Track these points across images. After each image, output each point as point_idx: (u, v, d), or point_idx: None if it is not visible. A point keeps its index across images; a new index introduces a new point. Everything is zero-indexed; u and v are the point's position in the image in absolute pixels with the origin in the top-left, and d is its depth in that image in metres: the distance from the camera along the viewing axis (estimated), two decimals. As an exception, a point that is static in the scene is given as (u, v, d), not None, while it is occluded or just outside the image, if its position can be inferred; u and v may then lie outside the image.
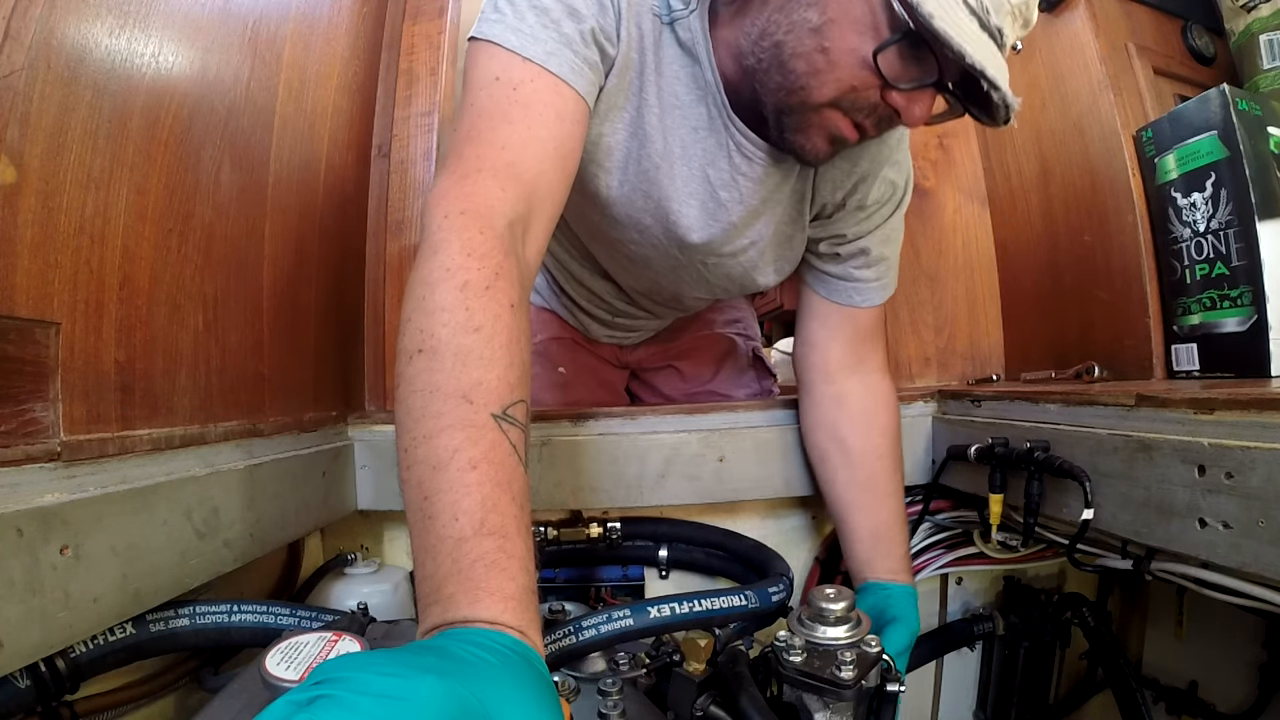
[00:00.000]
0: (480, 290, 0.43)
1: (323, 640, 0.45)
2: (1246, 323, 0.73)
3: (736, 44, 0.60)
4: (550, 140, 0.53)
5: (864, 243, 0.76)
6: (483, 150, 0.50)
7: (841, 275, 0.78)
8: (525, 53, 0.53)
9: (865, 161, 0.72)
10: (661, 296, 0.90)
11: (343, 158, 0.91)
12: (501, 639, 0.32)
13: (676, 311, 1.00)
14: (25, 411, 0.45)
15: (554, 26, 0.54)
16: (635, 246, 0.76)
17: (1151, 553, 0.60)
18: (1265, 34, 0.87)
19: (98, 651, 0.52)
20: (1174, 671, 0.89)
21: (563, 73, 0.54)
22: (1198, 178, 0.76)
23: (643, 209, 0.70)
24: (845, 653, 0.53)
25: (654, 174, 0.67)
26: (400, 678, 0.27)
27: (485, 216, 0.47)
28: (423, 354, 0.41)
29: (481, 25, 0.55)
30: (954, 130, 1.13)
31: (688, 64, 0.63)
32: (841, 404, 0.82)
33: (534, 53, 0.53)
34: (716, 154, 0.66)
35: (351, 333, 0.95)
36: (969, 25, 0.50)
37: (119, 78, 0.52)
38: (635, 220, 0.71)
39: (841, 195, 0.73)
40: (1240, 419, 0.48)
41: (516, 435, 0.41)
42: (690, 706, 0.58)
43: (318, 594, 0.82)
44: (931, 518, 0.89)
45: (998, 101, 0.52)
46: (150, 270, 0.55)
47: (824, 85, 0.55)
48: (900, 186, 0.76)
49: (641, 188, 0.68)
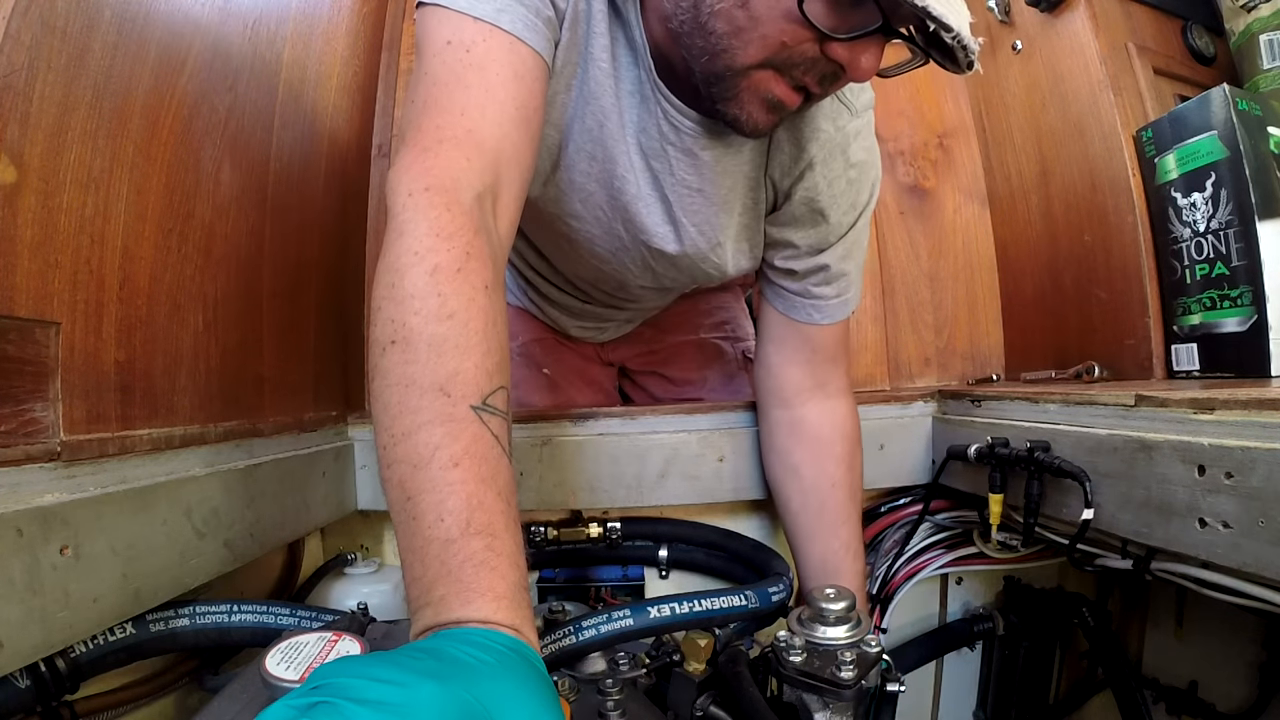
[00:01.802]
0: (452, 274, 0.41)
1: (322, 640, 0.45)
2: (1246, 323, 0.73)
3: (661, 6, 0.55)
4: (510, 102, 0.49)
5: (822, 259, 0.71)
6: (441, 120, 0.47)
7: (799, 292, 0.74)
8: (474, 12, 0.49)
9: (814, 146, 0.65)
10: (608, 285, 0.84)
11: (343, 158, 0.91)
12: (498, 638, 0.32)
13: (632, 304, 0.93)
14: (25, 411, 0.45)
15: None
16: (577, 222, 0.70)
17: (1151, 553, 0.60)
18: (1265, 34, 0.87)
19: (98, 651, 0.52)
20: (1174, 671, 0.88)
21: (516, 29, 0.50)
22: (1198, 178, 0.76)
23: (587, 173, 0.65)
24: (845, 653, 0.53)
25: (599, 133, 0.62)
26: (400, 685, 0.26)
27: (451, 191, 0.44)
28: (395, 345, 0.40)
29: None
30: (954, 130, 1.13)
31: (621, 26, 0.59)
32: (795, 431, 0.80)
33: (483, 10, 0.49)
34: (646, 121, 0.61)
35: (351, 333, 0.95)
36: None
37: (119, 78, 0.52)
38: (580, 187, 0.66)
39: (789, 183, 0.67)
40: (1240, 419, 0.48)
41: (498, 425, 0.40)
42: (690, 706, 0.58)
43: (318, 594, 0.82)
44: (931, 518, 0.89)
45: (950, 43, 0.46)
46: (150, 270, 0.55)
47: (749, 45, 0.50)
48: (864, 190, 0.69)
49: (586, 149, 0.63)
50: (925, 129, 1.10)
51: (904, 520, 0.90)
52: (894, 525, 0.90)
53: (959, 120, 1.13)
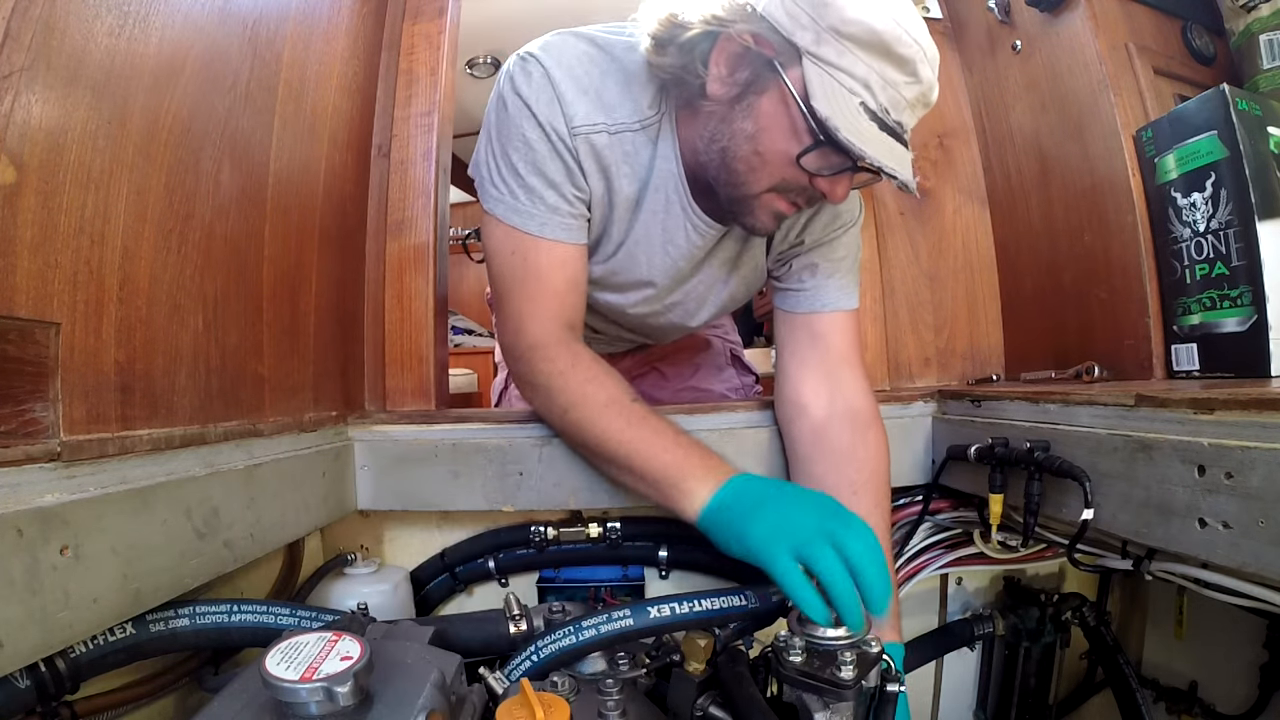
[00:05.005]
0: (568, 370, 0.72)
1: (322, 640, 0.45)
2: (1246, 323, 0.73)
3: (693, 143, 0.73)
4: (562, 283, 0.73)
5: (810, 258, 0.83)
6: (518, 305, 0.74)
7: (796, 287, 0.85)
8: (525, 229, 0.72)
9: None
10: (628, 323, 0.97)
11: (343, 158, 0.91)
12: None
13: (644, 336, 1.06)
14: (25, 411, 0.45)
15: (540, 200, 0.71)
16: (604, 306, 0.89)
17: (1151, 553, 0.60)
18: (1265, 34, 0.87)
19: (98, 651, 0.52)
20: (1174, 671, 0.89)
21: (556, 236, 0.72)
22: (1198, 177, 0.76)
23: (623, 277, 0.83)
24: (845, 653, 0.53)
25: (630, 248, 0.80)
26: None
27: (543, 346, 0.72)
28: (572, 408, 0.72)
29: (488, 200, 0.74)
30: (954, 130, 1.13)
31: (660, 160, 0.75)
32: (818, 441, 0.80)
33: (531, 228, 0.72)
34: (674, 231, 0.78)
35: (351, 333, 0.95)
36: (869, 129, 0.61)
37: (119, 78, 0.52)
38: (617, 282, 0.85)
39: (797, 233, 0.83)
40: (1240, 419, 0.48)
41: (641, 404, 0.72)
42: (690, 706, 0.58)
43: (318, 594, 0.82)
44: (931, 518, 0.89)
45: (898, 184, 0.64)
46: (150, 270, 0.55)
47: (760, 179, 0.68)
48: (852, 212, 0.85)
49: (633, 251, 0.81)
50: (925, 129, 1.10)
51: (904, 520, 0.90)
52: (894, 525, 0.90)
53: (959, 120, 1.13)
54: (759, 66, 0.65)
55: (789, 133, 0.64)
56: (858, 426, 0.79)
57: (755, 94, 0.66)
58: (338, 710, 0.41)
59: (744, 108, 0.66)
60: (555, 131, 0.70)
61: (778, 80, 0.63)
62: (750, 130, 0.66)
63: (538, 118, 0.70)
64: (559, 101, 0.70)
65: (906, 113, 0.64)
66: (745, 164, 0.68)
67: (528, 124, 0.70)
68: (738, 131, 0.67)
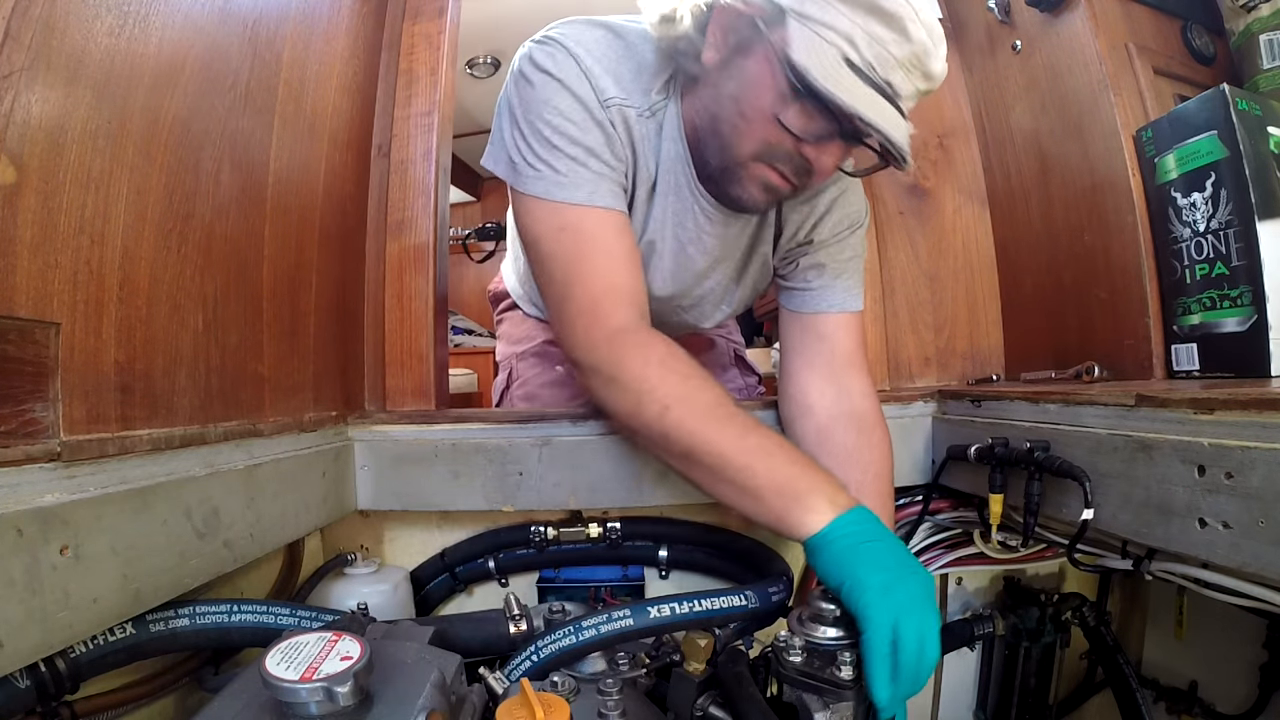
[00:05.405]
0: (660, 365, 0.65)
1: (322, 640, 0.45)
2: (1246, 323, 0.73)
3: (693, 120, 0.72)
4: (621, 252, 0.69)
5: (817, 257, 0.83)
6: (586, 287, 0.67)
7: (802, 286, 0.84)
8: (572, 200, 0.67)
9: (824, 201, 0.82)
10: None
11: (343, 158, 0.91)
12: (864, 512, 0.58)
13: None
14: (25, 411, 0.45)
15: (583, 168, 0.67)
16: None
17: (1151, 553, 0.60)
18: (1265, 34, 0.87)
19: (98, 651, 0.52)
20: (1174, 671, 0.88)
21: (606, 203, 0.68)
22: (1198, 177, 0.76)
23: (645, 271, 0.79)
24: (845, 653, 0.53)
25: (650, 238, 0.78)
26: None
27: (621, 331, 0.66)
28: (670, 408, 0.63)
29: (523, 182, 0.68)
30: (954, 130, 1.13)
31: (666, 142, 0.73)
32: (822, 441, 0.80)
33: (579, 197, 0.67)
34: (684, 215, 0.77)
35: (351, 333, 0.95)
36: (849, 80, 0.59)
37: (119, 78, 0.52)
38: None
39: (806, 232, 0.83)
40: (1240, 419, 0.48)
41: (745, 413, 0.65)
42: (690, 706, 0.58)
43: (318, 594, 0.82)
44: (932, 518, 0.89)
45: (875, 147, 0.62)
46: (150, 270, 0.55)
47: (744, 142, 0.66)
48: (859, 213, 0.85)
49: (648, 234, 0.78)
50: (925, 129, 1.10)
51: (904, 520, 0.90)
52: (894, 525, 0.90)
53: (959, 120, 1.13)
54: (746, 28, 0.64)
55: (771, 90, 0.63)
56: (863, 428, 0.79)
57: (742, 56, 0.65)
58: (338, 710, 0.41)
59: (731, 70, 0.66)
60: (587, 102, 0.67)
61: (763, 40, 0.62)
62: (734, 91, 0.65)
63: (570, 88, 0.67)
64: (587, 76, 0.68)
65: (897, 73, 0.61)
66: (730, 126, 0.66)
67: (558, 95, 0.67)
68: (724, 95, 0.66)
